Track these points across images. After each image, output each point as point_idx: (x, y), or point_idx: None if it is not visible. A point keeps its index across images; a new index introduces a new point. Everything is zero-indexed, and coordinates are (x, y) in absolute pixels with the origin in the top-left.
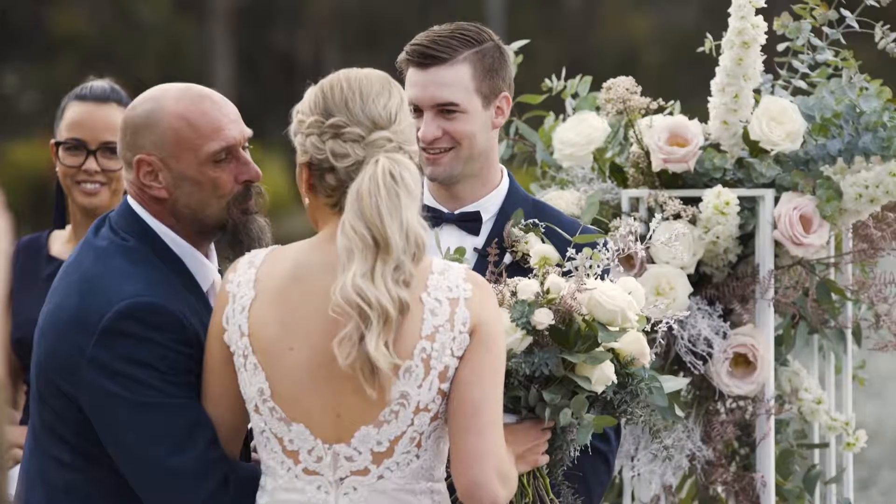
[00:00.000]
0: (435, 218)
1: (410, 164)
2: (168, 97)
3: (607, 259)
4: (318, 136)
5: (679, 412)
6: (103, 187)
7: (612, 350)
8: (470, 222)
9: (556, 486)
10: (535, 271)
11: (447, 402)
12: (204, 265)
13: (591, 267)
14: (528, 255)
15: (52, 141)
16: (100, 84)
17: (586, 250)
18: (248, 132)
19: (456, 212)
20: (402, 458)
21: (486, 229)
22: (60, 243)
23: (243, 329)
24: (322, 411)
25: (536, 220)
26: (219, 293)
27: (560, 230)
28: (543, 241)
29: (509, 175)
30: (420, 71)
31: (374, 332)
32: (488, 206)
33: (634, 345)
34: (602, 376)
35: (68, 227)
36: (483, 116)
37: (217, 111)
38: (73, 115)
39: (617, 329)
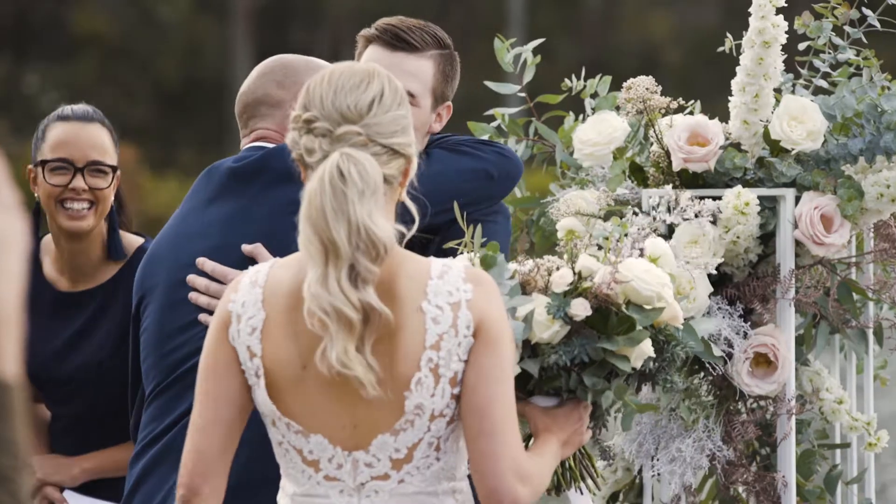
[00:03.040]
0: None
1: (366, 159)
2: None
3: (638, 230)
4: (297, 130)
5: (717, 351)
6: (90, 210)
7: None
8: None
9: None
10: (560, 245)
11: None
12: None
13: (619, 239)
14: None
15: (31, 165)
16: (80, 106)
17: (614, 219)
18: None
19: None
20: (422, 462)
21: None
22: (49, 263)
23: (254, 350)
24: (339, 422)
25: None
26: (217, 312)
27: None
28: None
29: None
30: (386, 51)
31: (340, 338)
32: None
33: (667, 311)
34: (640, 353)
35: (51, 249)
36: (427, 117)
37: None
38: (58, 135)
39: (653, 308)
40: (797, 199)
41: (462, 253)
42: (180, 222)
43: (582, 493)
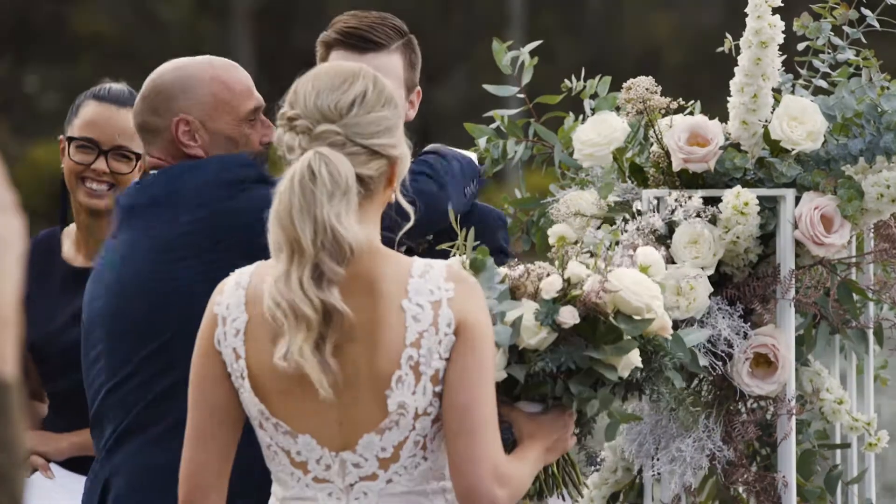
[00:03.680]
0: None
1: (340, 159)
2: (195, 64)
3: (631, 238)
4: (281, 128)
5: (703, 361)
6: (109, 191)
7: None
8: None
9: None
10: (553, 251)
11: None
12: None
13: (609, 247)
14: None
15: (62, 136)
16: (118, 86)
17: (605, 227)
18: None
19: None
20: (409, 461)
21: None
22: (69, 245)
23: (239, 352)
24: (325, 421)
25: None
26: (205, 316)
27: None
28: None
29: None
30: (353, 55)
31: (296, 336)
32: None
33: (657, 322)
34: (628, 363)
35: (72, 232)
36: (404, 109)
37: (244, 74)
38: (90, 114)
39: (642, 319)
40: (797, 200)
41: (454, 255)
42: (101, 252)
43: (564, 500)
